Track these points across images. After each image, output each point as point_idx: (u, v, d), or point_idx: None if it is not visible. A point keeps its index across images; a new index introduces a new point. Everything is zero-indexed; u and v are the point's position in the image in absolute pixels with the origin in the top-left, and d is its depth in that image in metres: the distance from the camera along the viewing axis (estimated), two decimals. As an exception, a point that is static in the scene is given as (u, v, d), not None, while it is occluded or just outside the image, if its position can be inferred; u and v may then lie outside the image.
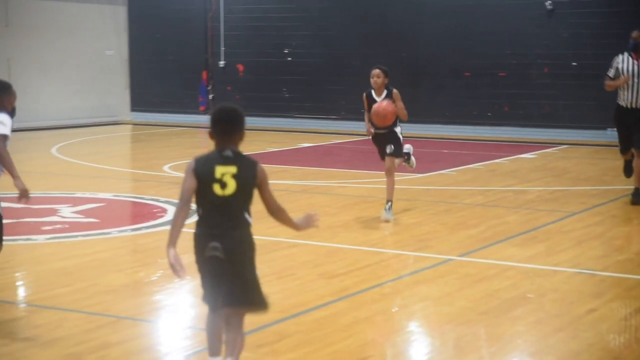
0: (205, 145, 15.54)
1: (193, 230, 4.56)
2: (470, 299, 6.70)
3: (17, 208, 10.17)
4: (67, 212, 9.95)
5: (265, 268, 7.49)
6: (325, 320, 6.18)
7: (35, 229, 9.06)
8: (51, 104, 21.43)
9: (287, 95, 22.02)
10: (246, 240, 4.55)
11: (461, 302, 6.63)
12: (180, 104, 22.97)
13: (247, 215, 4.54)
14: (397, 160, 10.01)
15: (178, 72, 23.05)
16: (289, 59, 21.84)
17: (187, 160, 4.53)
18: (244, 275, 4.53)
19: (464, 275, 7.42)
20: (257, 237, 4.63)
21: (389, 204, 9.74)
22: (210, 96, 22.73)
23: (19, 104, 22.70)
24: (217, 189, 4.45)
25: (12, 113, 5.96)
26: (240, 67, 22.48)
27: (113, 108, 23.07)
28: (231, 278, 4.50)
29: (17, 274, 7.56)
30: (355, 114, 20.59)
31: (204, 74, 22.82)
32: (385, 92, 9.68)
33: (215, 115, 4.60)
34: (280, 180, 12.40)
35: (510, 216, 10.18)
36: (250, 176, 4.52)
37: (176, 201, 4.61)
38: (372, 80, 9.70)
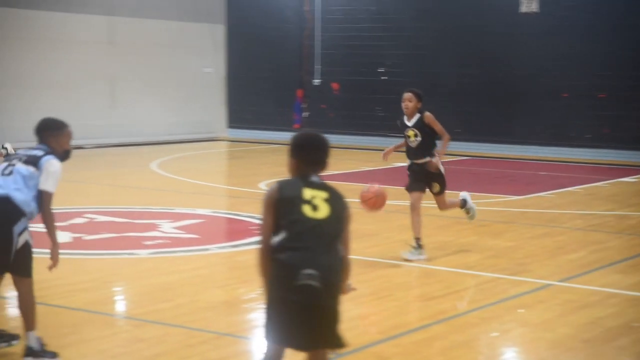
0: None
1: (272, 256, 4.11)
2: (572, 326, 6.57)
3: (120, 222, 10.46)
4: (167, 228, 10.16)
5: (363, 288, 7.51)
6: (423, 343, 6.15)
7: (138, 243, 9.28)
8: (151, 120, 21.96)
9: (381, 114, 22.03)
10: (340, 271, 4.11)
11: (563, 328, 6.50)
12: (275, 122, 23.22)
13: (340, 247, 4.15)
14: (448, 200, 9.21)
15: (273, 90, 23.33)
16: (383, 78, 21.87)
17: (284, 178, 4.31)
18: (335, 309, 4.09)
19: (565, 301, 7.28)
20: (354, 257, 4.50)
21: (417, 241, 8.81)
22: (305, 114, 22.93)
23: (121, 119, 23.23)
24: (307, 210, 4.05)
25: (64, 156, 5.68)
26: (335, 86, 22.62)
27: (210, 124, 23.49)
28: (323, 313, 4.04)
29: (121, 288, 7.76)
30: (449, 134, 20.46)
31: (299, 92, 23.04)
32: (417, 117, 9.06)
33: (302, 141, 4.25)
34: (376, 200, 12.38)
35: (612, 242, 9.94)
36: (341, 205, 4.16)
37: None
38: (402, 105, 9.08)
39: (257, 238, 4.21)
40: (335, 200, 4.13)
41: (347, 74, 22.36)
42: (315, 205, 4.05)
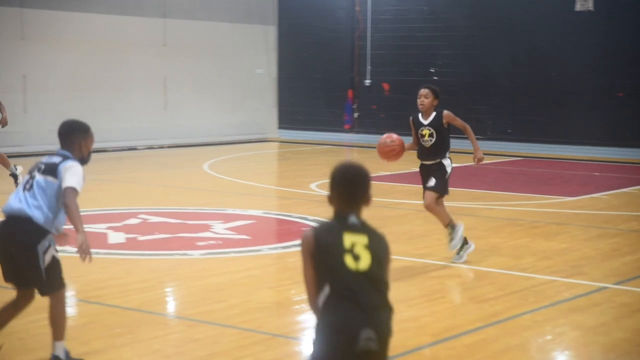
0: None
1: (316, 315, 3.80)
2: (628, 329, 6.48)
3: (173, 223, 10.57)
4: (219, 228, 10.24)
5: (415, 290, 7.50)
6: (476, 346, 6.11)
7: (191, 244, 9.36)
8: (203, 121, 22.14)
9: (432, 115, 21.92)
10: (391, 320, 3.79)
11: (618, 332, 6.42)
12: (326, 122, 23.26)
13: (385, 292, 3.81)
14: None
15: (324, 91, 23.37)
16: (435, 78, 21.77)
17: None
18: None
19: (620, 305, 7.18)
20: (405, 258, 4.48)
21: (449, 228, 8.57)
22: (356, 115, 22.93)
23: (174, 120, 23.42)
24: (349, 261, 3.73)
25: (87, 159, 5.57)
26: (386, 86, 22.58)
27: (261, 126, 23.62)
28: None
29: (175, 289, 7.84)
30: (501, 134, 20.31)
31: (350, 93, 23.05)
32: (434, 115, 8.68)
33: (338, 175, 3.89)
34: (427, 201, 12.34)
35: (669, 244, 9.78)
36: (382, 248, 3.83)
37: (324, 220, 3.96)
38: (418, 101, 8.68)
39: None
40: (375, 244, 3.82)
41: (398, 74, 22.31)
42: (357, 255, 3.74)
